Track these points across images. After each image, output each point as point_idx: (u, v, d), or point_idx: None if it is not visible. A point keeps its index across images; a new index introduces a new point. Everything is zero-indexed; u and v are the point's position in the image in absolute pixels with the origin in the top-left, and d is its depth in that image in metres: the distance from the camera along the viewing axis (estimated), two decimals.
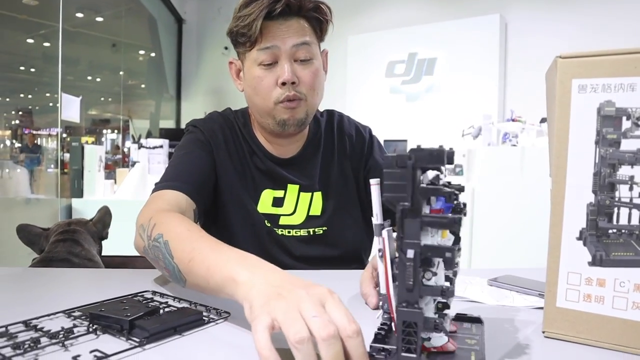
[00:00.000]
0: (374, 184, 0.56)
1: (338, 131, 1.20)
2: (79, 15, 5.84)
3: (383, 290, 0.58)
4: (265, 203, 1.10)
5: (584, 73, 0.62)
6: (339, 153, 1.18)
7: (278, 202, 1.11)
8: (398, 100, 5.83)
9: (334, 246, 1.12)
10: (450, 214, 0.52)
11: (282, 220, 1.10)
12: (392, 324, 0.56)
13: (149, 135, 6.52)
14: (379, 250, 0.56)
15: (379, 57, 5.94)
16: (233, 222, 1.09)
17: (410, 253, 0.50)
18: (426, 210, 0.52)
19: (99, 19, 6.48)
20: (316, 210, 1.12)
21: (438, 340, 0.54)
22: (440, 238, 0.52)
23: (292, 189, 1.12)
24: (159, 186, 1.00)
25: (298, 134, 1.12)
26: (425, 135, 5.35)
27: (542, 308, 0.75)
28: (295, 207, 1.11)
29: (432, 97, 5.63)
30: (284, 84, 1.01)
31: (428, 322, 0.51)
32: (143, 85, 8.28)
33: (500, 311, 0.76)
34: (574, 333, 0.63)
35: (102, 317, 0.63)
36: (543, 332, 0.65)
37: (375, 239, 0.56)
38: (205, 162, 1.07)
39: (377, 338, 0.55)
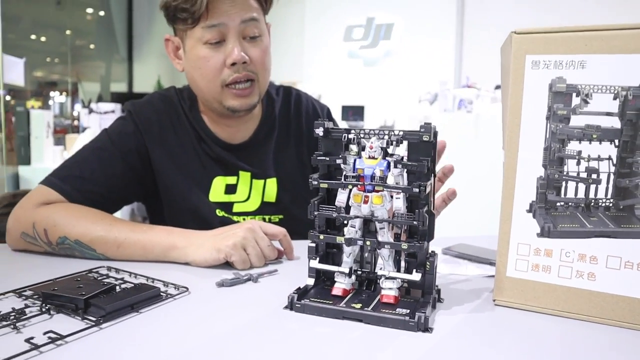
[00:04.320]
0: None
1: (295, 113, 1.14)
2: None
3: None
4: (217, 191, 1.05)
5: (538, 49, 0.63)
6: (295, 138, 1.13)
7: (231, 189, 1.06)
8: (356, 65, 5.83)
9: (290, 235, 1.09)
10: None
11: (237, 208, 1.06)
12: None
13: (99, 99, 6.28)
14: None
15: (337, 21, 5.89)
16: (182, 220, 1.00)
17: None
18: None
19: None
20: (270, 197, 1.08)
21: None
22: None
23: (244, 176, 1.06)
24: (48, 181, 0.94)
25: (248, 115, 1.06)
26: (382, 101, 5.37)
27: (493, 276, 0.78)
28: (249, 193, 1.07)
29: (389, 63, 5.65)
30: (233, 64, 0.94)
31: None
32: (92, 46, 7.89)
33: (452, 280, 0.78)
34: (522, 301, 0.66)
35: (55, 297, 0.62)
36: (494, 301, 0.67)
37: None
38: (116, 167, 0.98)
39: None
